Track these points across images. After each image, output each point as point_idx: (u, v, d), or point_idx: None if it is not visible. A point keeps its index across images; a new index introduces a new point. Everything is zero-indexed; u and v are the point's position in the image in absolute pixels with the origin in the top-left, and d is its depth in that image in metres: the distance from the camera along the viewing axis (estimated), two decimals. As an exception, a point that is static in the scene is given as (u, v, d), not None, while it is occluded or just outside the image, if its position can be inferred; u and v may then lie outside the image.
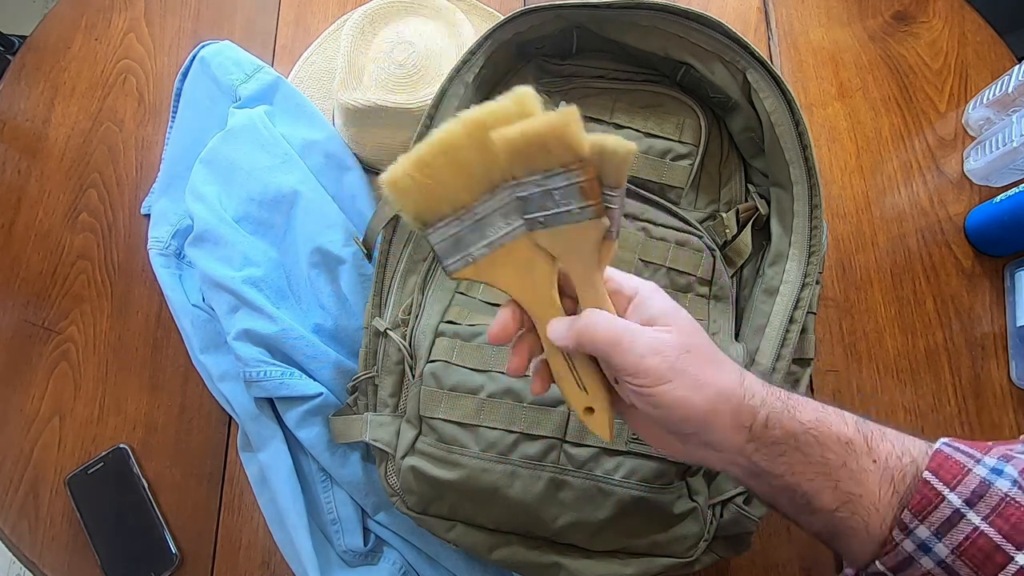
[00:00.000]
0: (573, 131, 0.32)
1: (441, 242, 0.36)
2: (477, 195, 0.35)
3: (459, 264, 0.36)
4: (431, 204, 0.36)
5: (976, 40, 0.81)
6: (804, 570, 0.65)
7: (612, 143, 0.33)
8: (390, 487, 0.56)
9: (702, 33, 0.60)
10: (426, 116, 0.59)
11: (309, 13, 0.83)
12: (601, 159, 0.33)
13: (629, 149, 0.33)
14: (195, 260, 0.66)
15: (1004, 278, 0.73)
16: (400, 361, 0.57)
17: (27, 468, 0.67)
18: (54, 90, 0.80)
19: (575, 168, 0.33)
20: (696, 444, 0.34)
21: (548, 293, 0.36)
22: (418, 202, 0.36)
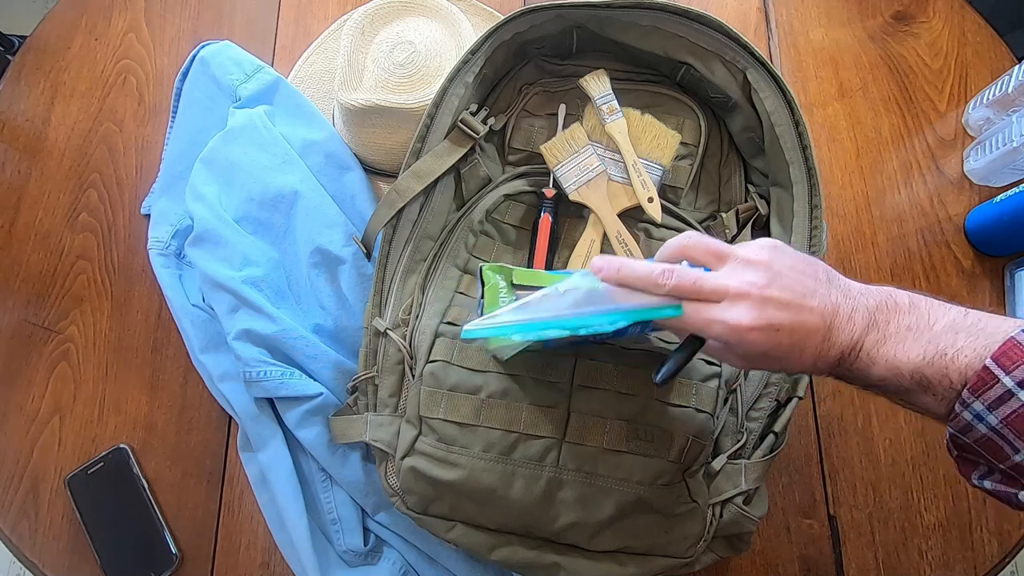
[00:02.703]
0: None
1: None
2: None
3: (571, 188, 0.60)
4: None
5: (976, 40, 0.81)
6: (804, 570, 0.65)
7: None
8: (390, 487, 0.56)
9: (702, 33, 0.60)
10: (426, 116, 0.59)
11: (309, 13, 0.83)
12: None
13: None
14: (195, 260, 0.66)
15: (1004, 278, 0.73)
16: (400, 361, 0.57)
17: (27, 468, 0.67)
18: (54, 90, 0.80)
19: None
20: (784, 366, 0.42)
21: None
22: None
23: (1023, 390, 0.34)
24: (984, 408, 0.35)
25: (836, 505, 0.66)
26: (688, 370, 0.54)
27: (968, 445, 0.38)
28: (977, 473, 0.39)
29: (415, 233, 0.60)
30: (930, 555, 0.65)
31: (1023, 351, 0.35)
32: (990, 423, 0.36)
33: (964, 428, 0.37)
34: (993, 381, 0.35)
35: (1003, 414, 0.35)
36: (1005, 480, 0.37)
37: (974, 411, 0.36)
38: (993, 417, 0.35)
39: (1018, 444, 0.35)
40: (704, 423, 0.52)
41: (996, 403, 0.35)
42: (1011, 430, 0.35)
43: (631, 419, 0.52)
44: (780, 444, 0.56)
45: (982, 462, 0.38)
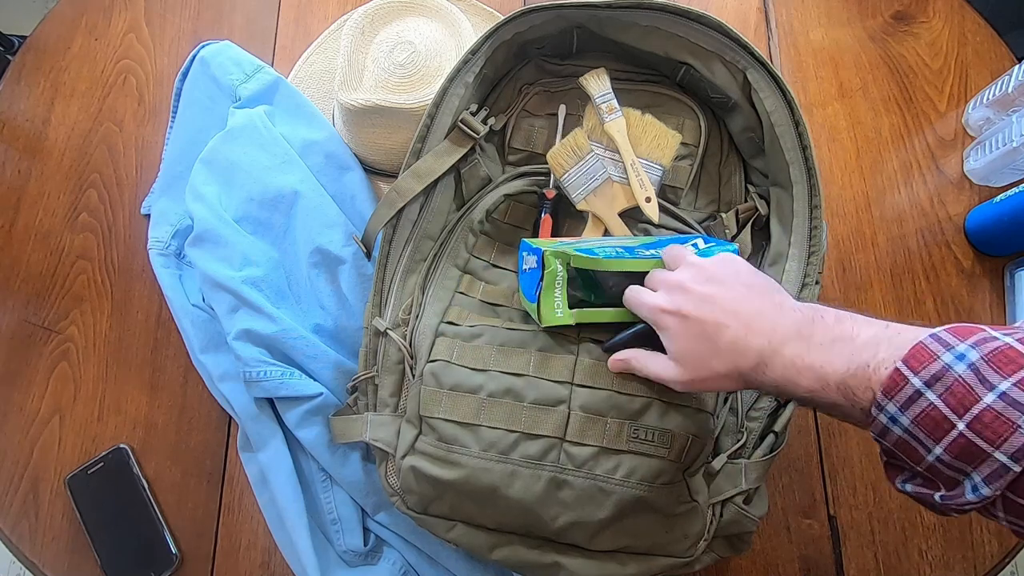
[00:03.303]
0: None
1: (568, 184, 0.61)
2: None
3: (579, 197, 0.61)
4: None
5: (976, 40, 0.81)
6: (804, 570, 0.65)
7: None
8: (390, 487, 0.56)
9: (702, 33, 0.60)
10: (426, 116, 0.59)
11: (309, 13, 0.83)
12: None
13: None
14: (195, 260, 0.66)
15: (1004, 278, 0.73)
16: (400, 361, 0.57)
17: (27, 468, 0.67)
18: (54, 90, 0.80)
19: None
20: (711, 376, 0.45)
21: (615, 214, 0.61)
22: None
23: (930, 389, 0.35)
24: (897, 410, 0.36)
25: (836, 505, 0.66)
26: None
27: (890, 450, 0.38)
28: (901, 478, 0.39)
29: (415, 233, 0.60)
30: (930, 555, 0.65)
31: (929, 353, 0.36)
32: (903, 424, 0.36)
33: (882, 432, 0.38)
34: (903, 382, 0.36)
35: (913, 414, 0.35)
36: (924, 483, 0.37)
37: (888, 413, 0.36)
38: (905, 418, 0.36)
39: (929, 443, 0.35)
40: (704, 423, 0.52)
41: (907, 403, 0.36)
42: (922, 429, 0.35)
43: (631, 418, 0.52)
44: (780, 444, 0.56)
45: (905, 467, 0.39)
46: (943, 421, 0.34)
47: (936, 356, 0.35)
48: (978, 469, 0.34)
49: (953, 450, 0.34)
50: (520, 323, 0.57)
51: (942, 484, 0.36)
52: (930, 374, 0.35)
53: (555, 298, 0.53)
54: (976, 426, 0.33)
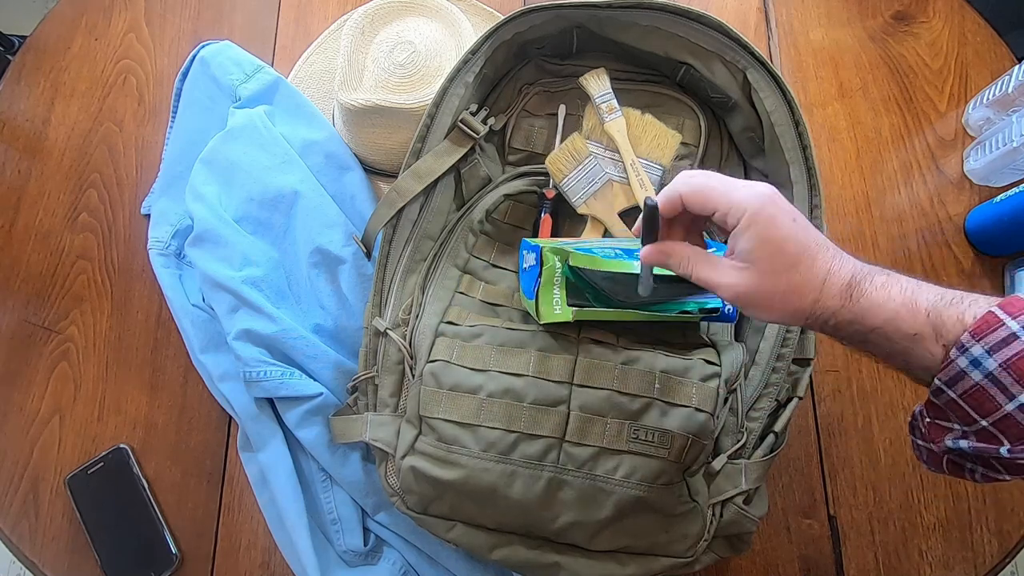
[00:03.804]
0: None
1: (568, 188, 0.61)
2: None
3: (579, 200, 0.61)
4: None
5: (976, 40, 0.81)
6: (804, 570, 0.65)
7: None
8: (390, 487, 0.56)
9: (702, 33, 0.60)
10: (426, 116, 0.59)
11: (309, 13, 0.83)
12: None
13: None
14: (195, 260, 0.66)
15: (1004, 278, 0.73)
16: (400, 361, 0.57)
17: (27, 468, 0.67)
18: (54, 90, 0.80)
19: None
20: (787, 290, 0.39)
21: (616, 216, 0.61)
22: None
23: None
24: (984, 351, 0.34)
25: (836, 505, 0.66)
26: (688, 370, 0.54)
27: (943, 407, 0.36)
28: (952, 436, 0.36)
29: (415, 233, 0.60)
30: (930, 555, 0.65)
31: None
32: (987, 368, 0.34)
33: (954, 378, 0.35)
34: (997, 324, 0.34)
35: (1004, 357, 0.33)
36: (981, 440, 0.35)
37: (971, 356, 0.34)
38: (992, 361, 0.33)
39: (1015, 390, 0.33)
40: (704, 423, 0.52)
41: (998, 345, 0.33)
42: (1011, 374, 0.33)
43: (631, 419, 0.52)
44: (780, 444, 0.56)
45: (957, 425, 0.36)
46: None
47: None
48: None
49: None
50: (520, 323, 0.57)
51: (1009, 439, 0.34)
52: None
53: (553, 295, 0.53)
54: None
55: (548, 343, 0.54)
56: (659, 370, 0.53)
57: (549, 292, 0.53)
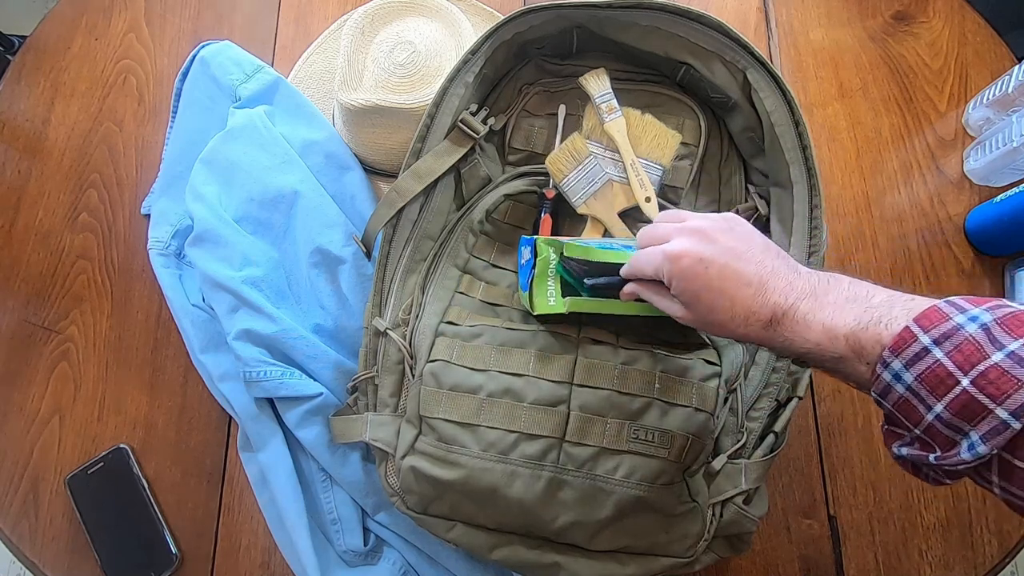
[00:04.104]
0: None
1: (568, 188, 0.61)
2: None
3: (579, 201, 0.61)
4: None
5: (976, 40, 0.81)
6: (804, 570, 0.65)
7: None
8: (390, 487, 0.56)
9: (702, 33, 0.60)
10: (426, 116, 0.59)
11: (309, 13, 0.83)
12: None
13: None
14: (195, 260, 0.66)
15: (1004, 278, 0.73)
16: (400, 361, 0.57)
17: (27, 468, 0.67)
18: (54, 90, 0.80)
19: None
20: (715, 324, 0.44)
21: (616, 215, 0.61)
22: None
23: (938, 347, 0.35)
24: (902, 366, 0.36)
25: (836, 505, 0.66)
26: (688, 370, 0.54)
27: (891, 414, 0.38)
28: (898, 443, 0.38)
29: (415, 233, 0.60)
30: (930, 555, 0.65)
31: (942, 314, 0.35)
32: (906, 381, 0.35)
33: (884, 391, 0.37)
34: (912, 339, 0.35)
35: (918, 371, 0.35)
36: (920, 447, 0.37)
37: (893, 370, 0.36)
38: (909, 375, 0.35)
39: (931, 400, 0.35)
40: (704, 423, 0.52)
41: (913, 360, 0.35)
42: (924, 386, 0.35)
43: (631, 419, 0.52)
44: (780, 444, 0.56)
45: (905, 433, 0.38)
46: (947, 377, 0.34)
47: (949, 317, 0.35)
48: (977, 427, 0.33)
49: (954, 407, 0.34)
50: (520, 323, 0.57)
51: (938, 446, 0.35)
52: (940, 332, 0.35)
53: (548, 286, 0.53)
54: (980, 382, 0.33)
55: (548, 343, 0.54)
56: (659, 370, 0.53)
57: (543, 283, 0.53)
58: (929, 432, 0.36)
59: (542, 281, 0.53)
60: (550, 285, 0.53)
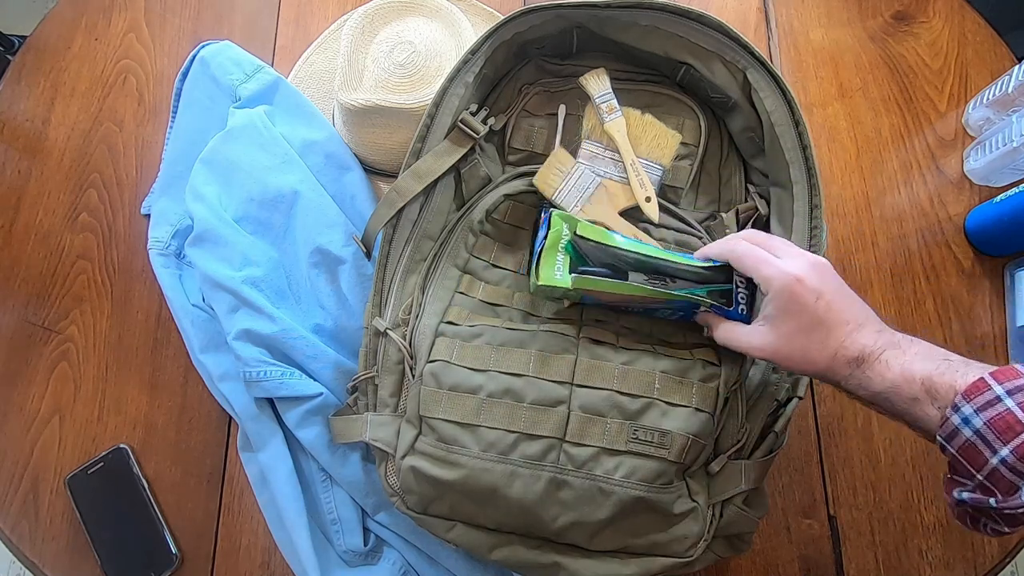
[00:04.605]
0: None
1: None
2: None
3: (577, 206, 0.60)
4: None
5: (976, 40, 0.81)
6: (804, 570, 0.65)
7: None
8: (390, 487, 0.56)
9: (702, 33, 0.60)
10: (426, 116, 0.59)
11: (309, 13, 0.83)
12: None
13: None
14: (195, 260, 0.66)
15: (1004, 278, 0.73)
16: (400, 361, 0.57)
17: (27, 468, 0.67)
18: (54, 90, 0.80)
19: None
20: (801, 354, 0.46)
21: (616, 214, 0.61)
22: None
23: (1010, 397, 0.37)
24: (973, 411, 0.38)
25: (836, 505, 0.66)
26: (689, 370, 0.54)
27: (955, 460, 0.40)
28: (958, 489, 0.41)
29: (415, 233, 0.60)
30: (930, 555, 0.65)
31: (1017, 372, 0.38)
32: (975, 425, 0.38)
33: (950, 435, 0.39)
34: (985, 388, 0.38)
35: (988, 416, 0.37)
36: (981, 492, 0.39)
37: (963, 415, 0.38)
38: (979, 419, 0.38)
39: (997, 445, 0.37)
40: (704, 423, 0.52)
41: (984, 406, 0.38)
42: (992, 430, 0.37)
43: (631, 419, 0.52)
44: (780, 444, 0.56)
45: (967, 481, 0.40)
46: (1015, 424, 0.37)
47: (1022, 374, 0.38)
48: None
49: (1020, 451, 0.36)
50: (520, 323, 0.57)
51: (999, 491, 0.38)
52: (1014, 385, 0.38)
53: (556, 260, 0.53)
54: None
55: (548, 343, 0.54)
56: (659, 370, 0.53)
57: (552, 256, 0.53)
58: (992, 477, 0.38)
59: (551, 254, 0.53)
60: (559, 259, 0.53)
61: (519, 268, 0.63)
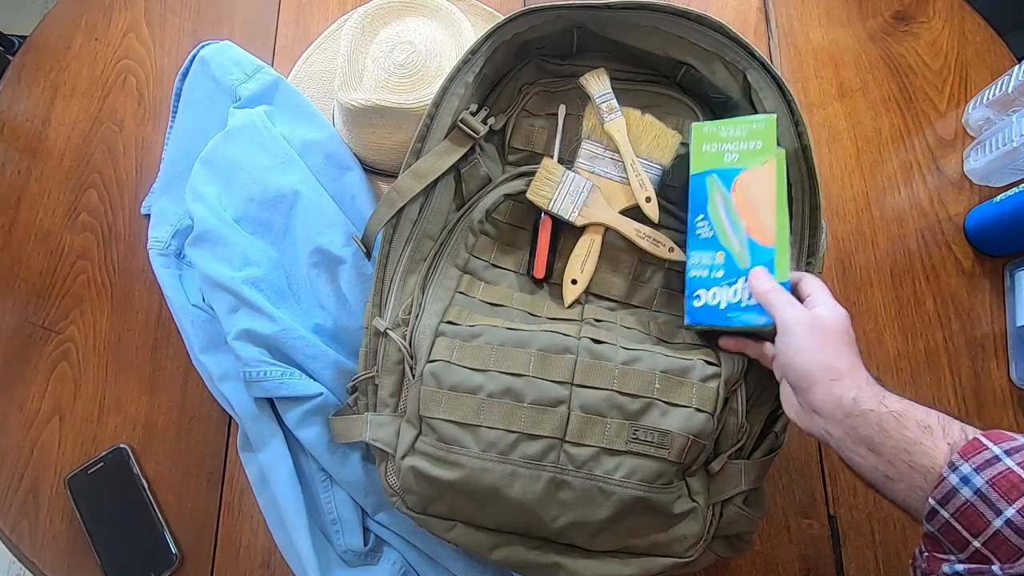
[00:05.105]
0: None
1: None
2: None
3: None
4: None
5: (976, 40, 0.81)
6: (804, 570, 0.65)
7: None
8: (390, 487, 0.56)
9: (702, 33, 0.60)
10: (426, 116, 0.59)
11: (309, 13, 0.83)
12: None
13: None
14: (195, 260, 0.66)
15: (1004, 278, 0.73)
16: (400, 361, 0.57)
17: (27, 468, 0.67)
18: (54, 90, 0.80)
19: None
20: (804, 404, 0.47)
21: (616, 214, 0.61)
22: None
23: (1009, 457, 0.36)
24: (972, 470, 0.37)
25: (836, 505, 0.66)
26: (689, 370, 0.54)
27: (938, 535, 0.38)
28: (949, 564, 0.38)
29: (415, 233, 0.60)
30: (930, 555, 0.65)
31: (1009, 435, 0.38)
32: (975, 484, 0.36)
33: (946, 496, 0.38)
34: (982, 448, 0.37)
35: (989, 475, 0.36)
36: (975, 561, 0.37)
37: (961, 473, 0.37)
38: (979, 478, 0.36)
39: (1001, 505, 0.36)
40: (704, 423, 0.52)
41: (984, 465, 0.37)
42: (995, 490, 0.36)
43: (631, 419, 0.52)
44: (780, 444, 0.56)
45: (952, 552, 0.38)
46: (1020, 483, 0.35)
47: (1015, 437, 0.38)
48: None
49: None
50: (520, 323, 0.57)
51: (998, 558, 0.36)
52: (1010, 446, 0.37)
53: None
54: None
55: (548, 343, 0.54)
56: (659, 370, 0.53)
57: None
58: (992, 542, 0.36)
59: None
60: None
61: (519, 268, 0.63)
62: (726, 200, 0.55)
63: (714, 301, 0.54)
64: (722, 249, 0.55)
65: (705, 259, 0.55)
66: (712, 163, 0.56)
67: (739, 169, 0.55)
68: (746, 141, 0.55)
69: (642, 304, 0.62)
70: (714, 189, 0.55)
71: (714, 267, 0.55)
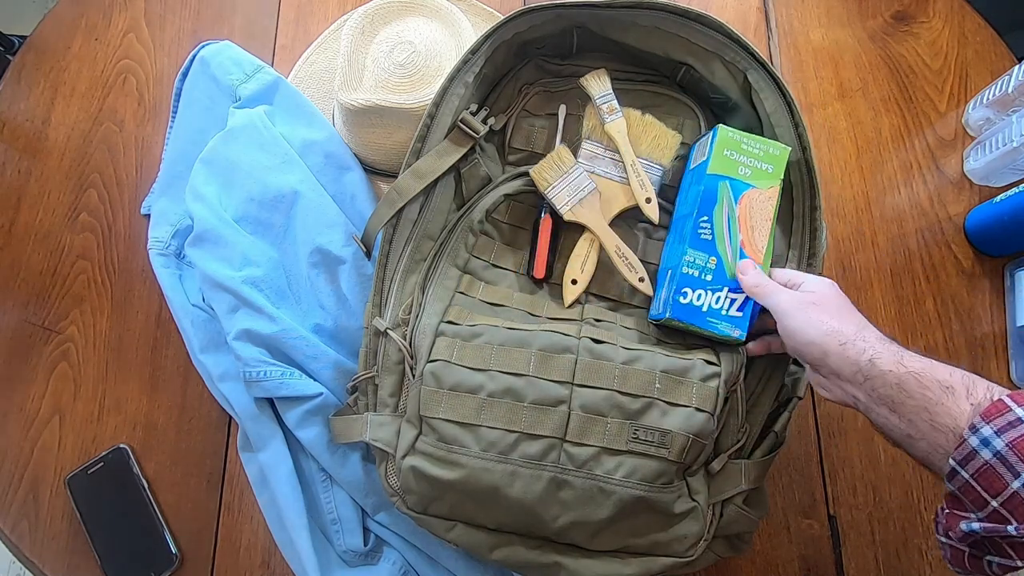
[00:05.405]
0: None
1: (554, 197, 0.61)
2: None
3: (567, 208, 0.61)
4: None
5: (976, 40, 0.81)
6: (804, 570, 0.65)
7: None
8: (390, 487, 0.56)
9: (702, 33, 0.60)
10: (427, 116, 0.59)
11: (309, 13, 0.83)
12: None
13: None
14: (195, 260, 0.66)
15: (1004, 278, 0.73)
16: (400, 361, 0.57)
17: (27, 468, 0.67)
18: (54, 90, 0.80)
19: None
20: (828, 376, 0.47)
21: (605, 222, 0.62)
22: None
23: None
24: (992, 432, 0.37)
25: (836, 505, 0.66)
26: (689, 370, 0.54)
27: (959, 494, 0.39)
28: (966, 521, 0.39)
29: (415, 233, 0.60)
30: (930, 555, 0.65)
31: None
32: (995, 447, 0.37)
33: (966, 458, 0.38)
34: (1005, 409, 0.37)
35: (1010, 437, 0.36)
36: (993, 520, 0.38)
37: (982, 436, 0.37)
38: (999, 440, 0.36)
39: (1020, 467, 0.36)
40: (704, 423, 0.52)
41: (1006, 427, 0.37)
42: (1015, 452, 0.36)
43: (632, 419, 0.52)
44: (780, 444, 0.56)
45: (972, 511, 0.39)
46: None
47: None
48: None
49: None
50: (520, 323, 0.57)
51: (1017, 517, 0.36)
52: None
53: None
54: None
55: (549, 342, 0.54)
56: (659, 370, 0.53)
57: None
58: (1010, 503, 0.36)
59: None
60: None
61: (519, 268, 0.63)
62: (731, 210, 0.56)
63: (698, 302, 0.55)
64: (716, 255, 0.55)
65: (699, 259, 0.55)
66: (728, 170, 0.56)
67: (749, 185, 0.56)
68: (761, 161, 0.57)
69: (642, 304, 0.62)
70: (724, 196, 0.56)
71: (705, 269, 0.55)
